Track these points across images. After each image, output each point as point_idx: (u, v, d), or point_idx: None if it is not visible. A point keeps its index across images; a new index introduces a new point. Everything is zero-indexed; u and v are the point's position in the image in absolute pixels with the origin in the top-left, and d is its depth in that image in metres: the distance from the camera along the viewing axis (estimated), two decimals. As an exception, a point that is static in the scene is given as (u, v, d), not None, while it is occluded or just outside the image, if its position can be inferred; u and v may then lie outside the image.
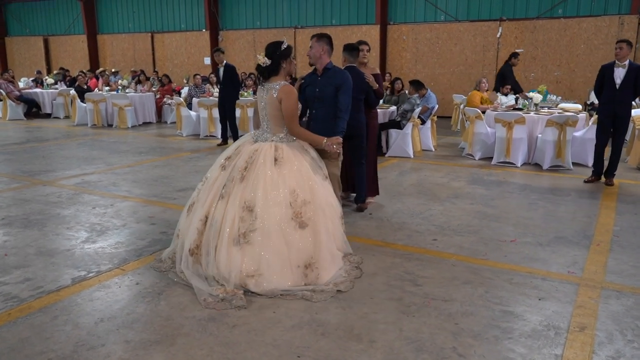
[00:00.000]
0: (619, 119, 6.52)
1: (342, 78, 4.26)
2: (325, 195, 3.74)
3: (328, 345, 2.91)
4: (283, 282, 3.48)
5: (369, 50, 5.58)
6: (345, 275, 3.72)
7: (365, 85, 5.18)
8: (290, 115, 3.68)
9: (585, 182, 6.76)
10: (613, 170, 6.65)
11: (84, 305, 3.35)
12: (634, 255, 4.25)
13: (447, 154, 8.96)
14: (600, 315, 3.24)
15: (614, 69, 6.46)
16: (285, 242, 3.50)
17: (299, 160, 3.69)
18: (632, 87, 6.41)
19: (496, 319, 3.19)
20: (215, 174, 3.78)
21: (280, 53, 3.73)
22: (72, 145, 9.82)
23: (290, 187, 3.57)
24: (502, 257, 4.21)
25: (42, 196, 6.02)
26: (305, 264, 3.54)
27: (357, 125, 5.17)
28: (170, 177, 7.05)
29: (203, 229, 3.64)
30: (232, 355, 2.80)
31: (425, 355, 2.80)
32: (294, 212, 3.54)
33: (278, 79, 3.77)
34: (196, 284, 3.50)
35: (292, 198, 3.55)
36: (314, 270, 3.56)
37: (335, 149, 3.79)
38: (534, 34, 13.02)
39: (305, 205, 3.57)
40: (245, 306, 3.30)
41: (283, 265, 3.49)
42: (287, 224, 3.52)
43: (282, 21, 16.32)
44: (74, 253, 4.27)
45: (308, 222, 3.56)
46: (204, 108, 10.58)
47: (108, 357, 2.77)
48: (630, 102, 6.58)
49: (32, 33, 21.36)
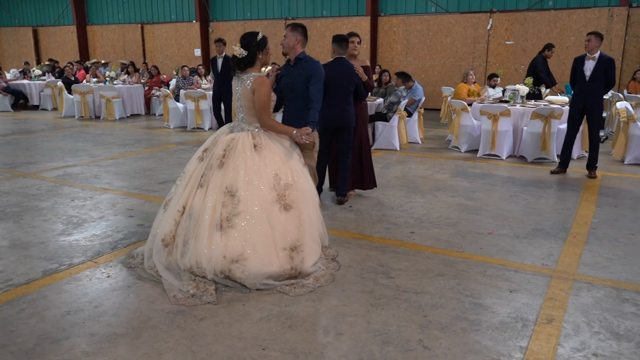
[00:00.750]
0: (590, 112, 6.54)
1: (313, 68, 4.22)
2: (306, 181, 3.75)
3: (294, 337, 2.90)
4: (269, 266, 3.42)
5: (359, 42, 5.50)
6: (324, 268, 3.71)
7: (355, 77, 5.14)
8: (262, 107, 3.65)
9: (551, 174, 6.78)
10: (594, 163, 6.65)
11: (52, 298, 3.32)
12: (609, 247, 4.26)
13: (434, 146, 8.95)
14: (569, 308, 3.24)
15: (584, 61, 6.48)
16: (270, 225, 3.46)
17: (278, 147, 3.69)
18: (602, 79, 6.41)
19: (465, 311, 3.19)
20: (193, 166, 3.73)
21: (256, 44, 3.70)
22: (57, 137, 9.74)
23: (272, 171, 3.55)
24: (478, 249, 4.21)
25: (21, 188, 5.98)
26: (291, 246, 3.51)
27: (346, 117, 5.15)
28: (153, 170, 7.01)
29: (180, 219, 3.59)
30: (197, 348, 2.78)
31: (391, 348, 2.80)
32: (278, 194, 3.52)
33: (254, 70, 3.75)
34: (167, 278, 3.46)
35: (275, 181, 3.54)
36: (300, 254, 3.53)
37: (304, 139, 3.76)
38: (524, 25, 12.98)
39: (288, 188, 3.56)
40: (215, 302, 3.28)
41: (268, 249, 3.44)
42: (271, 207, 3.49)
43: (273, 12, 16.21)
44: (48, 246, 4.24)
45: (292, 204, 3.54)
46: (191, 100, 10.51)
47: (71, 350, 2.75)
48: (601, 94, 6.58)
49: (21, 24, 21.14)
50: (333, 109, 5.14)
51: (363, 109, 5.57)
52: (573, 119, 6.69)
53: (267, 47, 3.78)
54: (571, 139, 6.77)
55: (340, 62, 5.14)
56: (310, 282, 3.52)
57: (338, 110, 5.11)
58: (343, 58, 5.16)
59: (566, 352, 2.77)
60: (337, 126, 5.19)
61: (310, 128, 3.81)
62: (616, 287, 3.53)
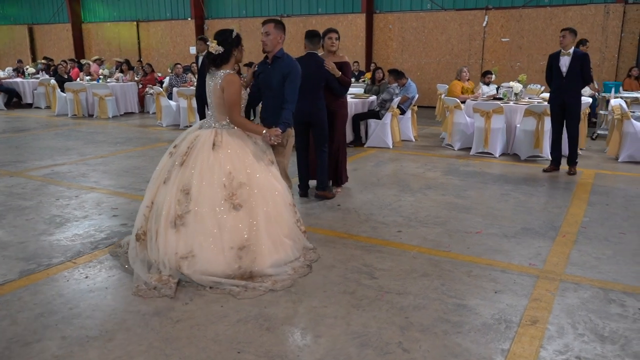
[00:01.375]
0: (569, 107, 6.51)
1: (290, 66, 4.12)
2: (268, 180, 3.68)
3: (271, 340, 2.83)
4: (214, 264, 3.43)
5: (337, 38, 5.51)
6: (291, 272, 3.59)
7: (325, 72, 5.15)
8: (231, 104, 3.64)
9: (543, 172, 6.73)
10: (574, 159, 6.62)
11: (26, 300, 3.25)
12: (598, 246, 4.19)
13: (427, 144, 8.88)
14: (554, 309, 3.17)
15: (559, 57, 6.48)
16: (218, 224, 3.47)
17: (239, 145, 3.66)
18: (579, 74, 6.42)
19: (448, 313, 3.12)
20: (163, 162, 3.81)
21: (231, 41, 3.69)
22: (48, 135, 9.66)
23: (225, 170, 3.55)
24: (465, 249, 4.14)
25: (6, 187, 5.90)
26: (239, 245, 3.48)
27: (316, 113, 5.16)
28: (142, 168, 6.94)
29: (149, 215, 3.66)
30: (170, 352, 2.71)
31: (369, 351, 2.73)
32: (228, 193, 3.51)
33: (228, 67, 3.73)
34: (136, 270, 3.50)
35: (227, 180, 3.53)
36: (249, 253, 3.49)
37: (272, 141, 3.73)
38: (519, 22, 12.90)
39: (240, 188, 3.54)
40: (172, 295, 3.26)
41: (215, 247, 3.45)
42: (220, 206, 3.50)
43: (268, 10, 16.12)
44: (28, 246, 4.16)
45: (243, 203, 3.52)
46: (184, 98, 10.43)
47: (41, 354, 2.69)
48: (579, 89, 6.57)
49: (16, 22, 21.05)
50: (303, 104, 5.10)
51: (341, 105, 5.55)
52: (555, 115, 6.69)
53: (242, 44, 3.77)
54: (558, 135, 6.74)
55: (309, 58, 5.17)
56: (262, 286, 3.39)
57: (307, 105, 5.10)
58: (314, 54, 5.20)
59: (549, 354, 2.70)
60: (307, 120, 5.21)
61: (280, 129, 3.77)
62: (603, 287, 3.46)
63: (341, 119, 5.56)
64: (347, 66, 5.44)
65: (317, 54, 5.21)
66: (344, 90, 5.43)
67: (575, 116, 6.61)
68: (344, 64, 5.39)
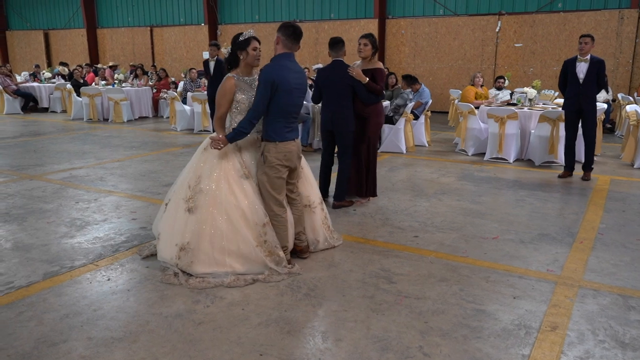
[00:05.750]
0: (585, 113, 6.50)
1: (260, 73, 3.75)
2: (233, 193, 3.65)
3: (292, 343, 2.86)
4: (164, 252, 3.74)
5: (365, 44, 5.19)
6: (228, 280, 3.57)
7: (350, 79, 5.04)
8: (216, 104, 3.76)
9: (559, 178, 6.72)
10: (589, 165, 6.61)
11: (51, 301, 3.32)
12: (616, 253, 4.18)
13: (441, 149, 8.88)
14: (574, 315, 3.17)
15: (576, 63, 6.48)
16: (174, 219, 3.75)
17: (222, 153, 3.74)
18: (595, 80, 6.42)
19: (467, 318, 3.13)
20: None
21: (237, 44, 3.71)
22: (65, 139, 9.80)
23: (197, 173, 3.75)
24: (482, 254, 4.15)
25: (26, 190, 6.00)
26: (182, 245, 3.65)
27: (337, 121, 5.10)
28: (158, 172, 7.02)
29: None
30: (194, 353, 2.76)
31: (390, 355, 2.75)
32: (189, 195, 3.71)
33: (238, 70, 3.78)
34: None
35: (193, 182, 3.73)
36: (188, 255, 3.62)
37: (211, 145, 3.72)
38: (533, 28, 12.87)
39: (199, 193, 3.68)
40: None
41: (166, 238, 3.76)
42: (181, 203, 3.74)
43: (281, 15, 16.23)
44: (50, 248, 4.24)
45: (196, 209, 3.66)
46: (198, 102, 10.53)
47: (68, 354, 2.74)
48: (595, 95, 6.57)
49: (32, 27, 21.36)
50: (326, 112, 5.13)
51: (373, 113, 5.27)
52: (570, 121, 6.68)
53: (250, 47, 3.67)
54: (572, 142, 6.75)
55: (333, 65, 5.13)
56: (187, 281, 3.56)
57: (330, 113, 5.09)
58: (338, 61, 5.12)
59: (569, 360, 2.71)
60: (330, 129, 5.17)
61: (225, 136, 3.67)
62: (622, 294, 3.46)
63: (374, 127, 5.32)
64: (379, 73, 5.18)
65: (342, 61, 5.10)
66: (373, 98, 5.15)
67: (592, 122, 6.60)
68: (375, 70, 5.17)
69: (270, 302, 3.33)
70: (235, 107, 3.74)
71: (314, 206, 4.17)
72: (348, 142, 5.18)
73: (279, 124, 3.72)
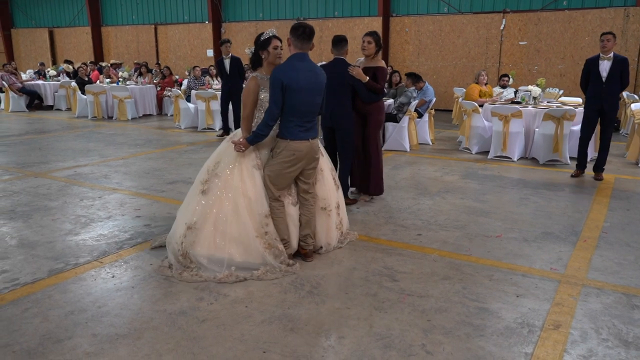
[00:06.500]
0: (607, 113, 6.41)
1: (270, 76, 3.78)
2: (245, 185, 3.75)
3: (296, 340, 2.87)
4: (176, 230, 3.81)
5: (369, 42, 5.17)
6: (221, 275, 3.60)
7: (348, 77, 5.04)
8: (242, 106, 3.81)
9: (572, 177, 6.68)
10: (602, 165, 6.56)
11: (56, 298, 3.34)
12: (620, 251, 4.17)
13: (444, 147, 8.87)
14: (577, 313, 3.17)
15: (598, 62, 6.35)
16: (189, 200, 3.86)
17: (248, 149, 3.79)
18: (618, 79, 6.28)
19: (470, 316, 3.14)
20: None
21: (259, 44, 3.74)
22: (69, 137, 9.84)
23: (217, 159, 3.86)
24: (485, 252, 4.15)
25: (31, 188, 6.03)
26: (189, 224, 3.72)
27: (336, 118, 5.11)
28: (162, 170, 7.04)
29: None
30: (197, 350, 2.77)
31: (393, 352, 2.76)
32: (205, 178, 3.81)
33: (262, 69, 3.84)
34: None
35: (212, 166, 3.83)
36: (192, 235, 3.69)
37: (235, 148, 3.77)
38: (537, 26, 12.83)
39: (214, 177, 3.78)
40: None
41: (181, 217, 3.85)
42: (197, 185, 3.86)
43: (285, 13, 16.23)
44: (55, 245, 4.27)
45: (207, 192, 3.76)
46: (202, 100, 10.55)
47: (73, 351, 2.76)
48: (617, 95, 6.46)
49: (37, 25, 21.43)
50: (326, 108, 5.12)
51: (374, 111, 5.31)
52: (589, 120, 6.53)
53: (271, 47, 3.75)
54: (587, 141, 6.64)
55: (335, 63, 5.13)
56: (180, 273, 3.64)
57: (330, 110, 5.07)
58: (339, 59, 5.11)
59: (573, 359, 2.71)
60: (329, 125, 5.21)
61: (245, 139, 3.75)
62: (626, 293, 3.45)
63: (374, 123, 5.32)
64: (380, 71, 5.17)
65: (343, 59, 5.10)
66: (373, 97, 5.17)
67: (612, 122, 6.51)
68: (377, 69, 5.16)
69: (273, 299, 3.35)
70: (260, 106, 3.80)
71: (330, 209, 4.16)
72: (348, 139, 5.20)
73: (291, 123, 3.75)
